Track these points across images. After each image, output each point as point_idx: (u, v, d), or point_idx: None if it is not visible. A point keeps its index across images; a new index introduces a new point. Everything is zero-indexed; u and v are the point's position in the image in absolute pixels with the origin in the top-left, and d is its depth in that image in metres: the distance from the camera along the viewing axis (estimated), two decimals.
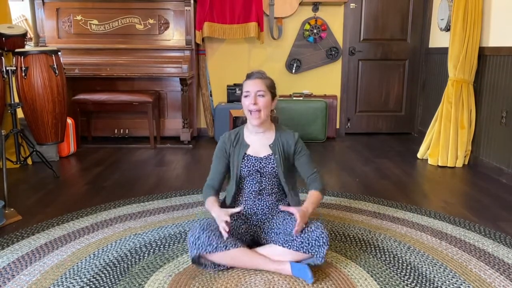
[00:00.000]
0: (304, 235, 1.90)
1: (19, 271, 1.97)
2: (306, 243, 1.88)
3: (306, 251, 1.88)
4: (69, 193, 3.11)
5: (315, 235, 1.89)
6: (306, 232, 1.91)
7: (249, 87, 2.05)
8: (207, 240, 1.87)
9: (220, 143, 2.18)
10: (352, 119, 5.31)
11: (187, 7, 4.59)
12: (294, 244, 1.90)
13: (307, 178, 2.16)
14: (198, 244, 1.88)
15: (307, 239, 1.89)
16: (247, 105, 2.05)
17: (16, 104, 3.43)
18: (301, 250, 1.89)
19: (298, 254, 1.90)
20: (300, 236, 1.90)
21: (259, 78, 2.08)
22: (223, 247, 1.88)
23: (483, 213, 2.75)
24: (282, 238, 1.94)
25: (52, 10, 4.59)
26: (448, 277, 1.93)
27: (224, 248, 1.88)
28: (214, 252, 1.87)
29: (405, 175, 3.63)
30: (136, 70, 4.44)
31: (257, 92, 2.04)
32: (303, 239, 1.89)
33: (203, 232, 1.89)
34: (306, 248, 1.88)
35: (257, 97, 2.03)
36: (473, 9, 3.71)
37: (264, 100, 2.05)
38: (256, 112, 2.04)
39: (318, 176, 2.16)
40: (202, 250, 1.87)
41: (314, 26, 5.00)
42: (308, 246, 1.88)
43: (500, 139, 3.53)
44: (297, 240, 1.90)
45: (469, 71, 3.79)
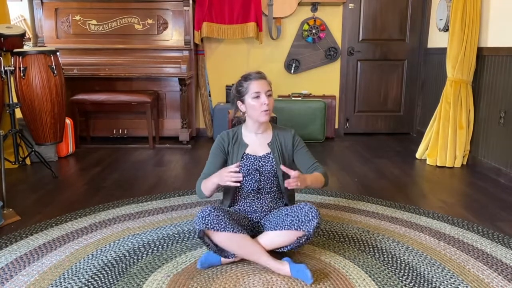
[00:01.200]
0: (294, 214, 1.94)
1: (18, 272, 1.97)
2: (296, 220, 1.92)
3: (297, 228, 1.91)
4: (68, 193, 3.11)
5: (304, 211, 1.92)
6: (295, 211, 1.95)
7: (258, 88, 2.06)
8: (216, 218, 1.89)
9: (218, 140, 2.19)
10: (351, 119, 5.31)
11: (186, 7, 4.59)
12: (285, 224, 1.94)
13: (308, 169, 2.15)
14: (208, 220, 1.88)
15: (297, 216, 1.93)
16: (259, 106, 2.05)
17: (14, 104, 3.43)
18: (293, 228, 1.92)
19: (291, 233, 1.92)
20: (290, 215, 1.94)
21: (264, 78, 2.11)
22: (230, 228, 1.90)
23: (481, 213, 2.76)
24: (274, 223, 1.99)
25: (51, 10, 4.59)
26: (446, 277, 1.93)
27: (232, 230, 1.90)
28: (222, 231, 1.89)
29: (403, 175, 3.64)
30: (135, 70, 4.44)
31: (267, 92, 2.07)
32: (292, 217, 1.93)
33: (214, 210, 1.91)
34: (297, 225, 1.91)
35: (267, 96, 2.06)
36: (471, 10, 3.71)
37: (272, 99, 2.10)
38: (267, 111, 2.08)
39: (320, 166, 2.17)
40: (210, 226, 1.88)
41: (313, 26, 5.00)
42: (298, 222, 1.91)
43: (499, 139, 3.53)
44: (287, 220, 1.94)
45: (467, 71, 3.79)
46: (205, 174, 2.13)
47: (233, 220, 1.96)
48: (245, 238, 1.94)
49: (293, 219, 1.93)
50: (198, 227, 1.89)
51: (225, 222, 1.90)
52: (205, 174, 2.13)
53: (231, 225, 1.91)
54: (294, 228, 1.91)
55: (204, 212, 1.90)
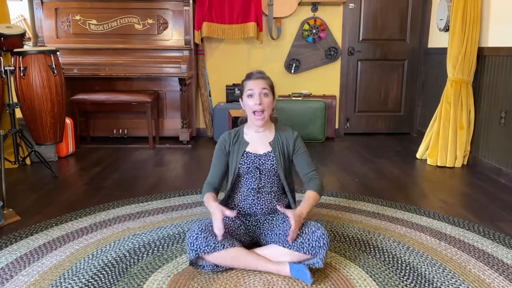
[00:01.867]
0: (305, 236, 1.90)
1: (18, 272, 1.97)
2: (307, 244, 1.88)
3: (306, 252, 1.88)
4: (68, 193, 3.11)
5: (315, 236, 1.88)
6: (306, 233, 1.90)
7: (252, 87, 2.05)
8: (205, 241, 1.87)
9: (219, 141, 2.19)
10: (351, 119, 5.31)
11: (186, 7, 4.59)
12: (294, 244, 1.89)
13: (305, 176, 2.15)
14: (196, 245, 1.87)
15: (308, 239, 1.89)
16: (251, 105, 2.05)
17: (14, 104, 3.42)
18: (302, 251, 1.88)
19: (298, 255, 1.90)
20: (301, 236, 1.90)
21: (261, 78, 2.08)
22: (221, 246, 1.87)
23: (482, 213, 2.76)
24: (282, 239, 1.94)
25: (51, 10, 4.58)
26: (447, 278, 1.93)
27: (222, 248, 1.87)
28: (212, 252, 1.87)
29: (404, 175, 3.63)
30: (135, 70, 4.43)
31: (261, 92, 2.04)
32: (303, 239, 1.89)
33: (201, 233, 1.89)
34: (307, 249, 1.88)
35: (261, 97, 2.04)
36: (472, 10, 3.71)
37: (268, 100, 2.06)
38: (260, 112, 2.05)
39: (316, 175, 2.15)
40: (200, 251, 1.87)
41: (313, 26, 5.00)
42: (308, 246, 1.88)
43: (499, 139, 3.53)
44: (298, 241, 1.89)
45: (468, 71, 3.79)
46: (210, 178, 2.16)
47: (225, 233, 1.91)
48: (238, 252, 1.91)
49: (303, 242, 1.89)
50: (190, 257, 1.90)
51: (214, 242, 1.87)
52: (210, 177, 2.16)
53: (221, 242, 1.88)
54: (303, 251, 1.89)
55: (191, 238, 1.89)
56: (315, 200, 2.08)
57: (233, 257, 1.91)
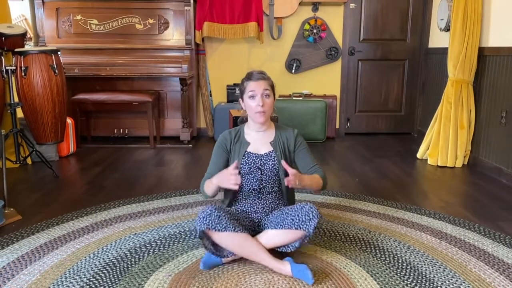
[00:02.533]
0: (294, 213, 1.94)
1: (19, 271, 1.97)
2: (297, 220, 1.92)
3: (297, 227, 1.91)
4: (69, 193, 3.11)
5: (304, 210, 1.93)
6: (296, 210, 1.95)
7: (254, 88, 2.06)
8: (217, 219, 1.89)
9: (220, 139, 2.19)
10: (352, 119, 5.31)
11: (187, 7, 4.59)
12: (285, 223, 1.94)
13: (308, 171, 2.15)
14: (209, 220, 1.88)
15: (297, 215, 1.93)
16: (253, 106, 2.06)
17: (15, 103, 3.42)
18: (293, 227, 1.92)
19: (292, 232, 1.93)
20: (290, 214, 1.94)
21: (262, 78, 2.09)
22: (232, 228, 1.89)
23: (482, 213, 2.76)
24: (274, 222, 1.99)
25: (52, 10, 4.59)
26: (448, 277, 1.93)
27: (233, 229, 1.89)
28: (223, 231, 1.88)
29: (404, 175, 3.63)
30: (136, 70, 4.44)
31: (263, 93, 2.05)
32: (293, 216, 1.93)
33: (215, 210, 1.91)
34: (297, 224, 1.91)
35: (263, 98, 2.05)
36: (472, 9, 3.71)
37: (269, 100, 2.08)
38: (262, 113, 2.06)
39: (320, 169, 2.17)
40: (212, 227, 1.88)
41: (314, 26, 5.00)
42: (298, 222, 1.92)
43: (500, 139, 3.53)
44: (288, 219, 1.94)
45: (468, 71, 3.79)
46: (208, 174, 2.14)
47: (235, 220, 1.96)
48: (246, 238, 1.94)
49: (294, 219, 1.93)
50: (199, 228, 1.89)
51: (226, 222, 1.90)
52: (209, 174, 2.14)
53: (233, 224, 1.91)
54: (295, 227, 1.92)
55: (205, 213, 1.90)
56: (318, 181, 2.10)
57: (241, 243, 1.93)
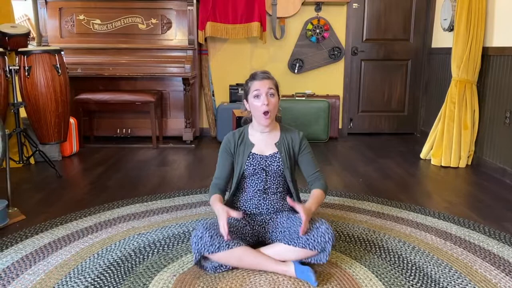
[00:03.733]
0: (310, 232, 1.89)
1: (23, 271, 1.97)
2: (312, 240, 1.88)
3: (312, 248, 1.87)
4: (72, 192, 3.11)
5: (320, 231, 1.88)
6: (311, 229, 1.90)
7: (259, 87, 2.04)
8: (210, 240, 1.86)
9: (224, 142, 2.18)
10: (355, 119, 5.30)
11: (189, 7, 4.59)
12: (300, 241, 1.89)
13: (310, 176, 2.15)
14: (201, 244, 1.86)
15: (313, 235, 1.88)
16: (258, 105, 2.04)
17: (19, 103, 3.43)
18: (307, 247, 1.88)
19: (304, 251, 1.89)
20: (306, 233, 1.90)
21: (267, 78, 2.07)
22: (225, 246, 1.87)
23: (487, 213, 2.75)
24: (288, 236, 1.94)
25: (55, 10, 4.59)
26: (454, 278, 1.92)
27: (227, 248, 1.87)
28: (217, 252, 1.86)
29: (408, 175, 3.62)
30: (138, 69, 4.44)
31: (267, 92, 2.04)
32: (308, 235, 1.89)
33: (206, 231, 1.88)
34: (312, 245, 1.87)
35: (268, 97, 2.04)
36: (476, 9, 3.70)
37: (274, 100, 2.06)
38: (267, 113, 2.05)
39: (321, 176, 2.16)
40: (205, 251, 1.86)
41: (317, 26, 4.99)
42: (314, 242, 1.87)
43: (504, 139, 3.52)
44: (303, 237, 1.89)
45: (472, 71, 3.78)
46: (216, 179, 2.16)
47: (231, 233, 1.90)
48: (244, 251, 1.90)
49: (309, 239, 1.88)
50: (195, 256, 1.90)
51: (219, 242, 1.86)
52: (216, 178, 2.16)
53: (226, 242, 1.87)
54: (309, 248, 1.88)
55: (196, 237, 1.88)
56: (322, 198, 2.09)
57: (239, 257, 1.90)
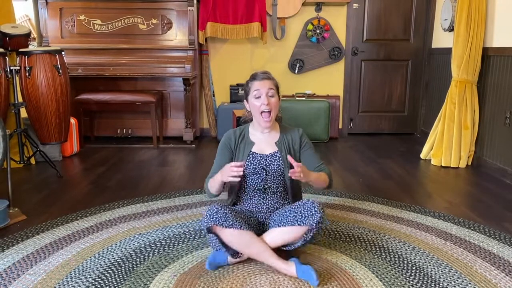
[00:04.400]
0: (296, 209, 1.93)
1: (24, 271, 1.98)
2: (299, 216, 1.91)
3: (300, 223, 1.90)
4: (73, 192, 3.11)
5: (306, 206, 1.92)
6: (298, 206, 1.94)
7: (259, 87, 2.05)
8: (224, 216, 1.89)
9: (224, 139, 2.19)
10: (355, 119, 5.31)
11: (190, 7, 4.59)
12: (288, 220, 1.93)
13: (314, 169, 2.15)
14: (216, 217, 1.88)
15: (299, 211, 1.92)
16: (258, 106, 2.05)
17: (19, 103, 3.43)
18: (296, 223, 1.90)
19: (295, 229, 1.91)
20: (293, 211, 1.93)
21: (267, 78, 2.08)
22: (238, 225, 1.89)
23: (487, 213, 2.75)
24: (277, 220, 1.98)
25: (56, 10, 4.59)
26: (454, 278, 1.93)
27: (239, 227, 1.89)
28: (230, 228, 1.88)
29: (408, 175, 3.63)
30: (139, 70, 4.44)
31: (268, 92, 2.05)
32: (295, 213, 1.92)
33: (222, 208, 1.91)
34: (300, 220, 1.90)
35: (268, 97, 2.04)
36: (476, 10, 3.70)
37: (274, 100, 2.07)
38: (267, 113, 2.06)
39: (325, 167, 2.18)
40: (218, 223, 1.88)
41: (317, 26, 5.00)
42: (301, 217, 1.90)
43: (504, 139, 3.52)
44: (290, 216, 1.93)
45: (472, 71, 3.78)
46: (212, 173, 2.14)
47: (241, 218, 1.96)
48: (252, 237, 1.94)
49: (296, 215, 1.92)
50: (206, 224, 1.89)
51: (233, 220, 1.90)
52: (213, 173, 2.14)
53: (239, 222, 1.91)
54: (298, 223, 1.90)
55: (211, 210, 1.90)
56: (324, 178, 2.11)
57: (247, 241, 1.92)
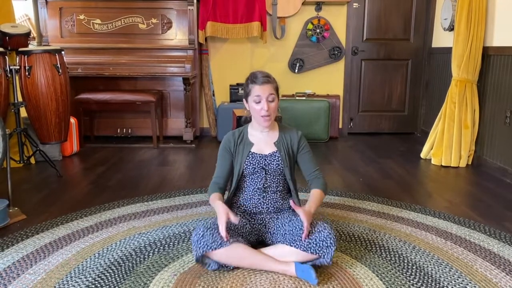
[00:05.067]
0: (312, 236, 1.90)
1: (24, 270, 1.97)
2: (314, 244, 1.88)
3: (313, 252, 1.88)
4: (73, 192, 3.11)
5: (322, 236, 1.88)
6: (313, 233, 1.90)
7: (259, 92, 2.04)
8: (211, 238, 1.87)
9: (224, 141, 2.19)
10: (355, 119, 5.30)
11: (190, 7, 4.59)
12: (302, 244, 1.89)
13: (309, 175, 2.16)
14: (203, 242, 1.87)
15: (315, 240, 1.88)
16: (258, 110, 2.05)
17: (19, 103, 3.43)
18: (309, 251, 1.88)
19: (306, 255, 1.90)
20: (308, 237, 1.90)
21: (268, 82, 2.07)
22: (227, 242, 1.88)
23: (487, 213, 2.75)
24: (290, 238, 1.94)
25: (55, 10, 4.59)
26: (454, 277, 1.92)
27: (228, 244, 1.88)
28: (219, 248, 1.87)
29: (408, 175, 3.63)
30: (139, 69, 4.44)
31: (268, 97, 2.05)
32: (310, 239, 1.89)
33: (207, 230, 1.90)
34: (314, 249, 1.88)
35: (268, 102, 2.04)
36: (477, 9, 3.70)
37: (274, 104, 2.08)
38: (267, 116, 2.06)
39: (320, 175, 2.16)
40: (207, 248, 1.87)
41: (317, 25, 4.99)
42: (315, 247, 1.88)
43: (504, 139, 3.52)
44: (305, 241, 1.89)
45: (473, 70, 3.78)
46: (216, 178, 2.16)
47: (231, 231, 1.93)
48: (244, 250, 1.91)
49: (311, 242, 1.88)
50: (197, 254, 1.89)
51: (221, 238, 1.88)
52: (216, 177, 2.16)
53: (230, 236, 1.89)
54: (311, 252, 1.88)
55: (197, 235, 1.89)
56: (321, 198, 2.10)
57: (239, 256, 1.91)
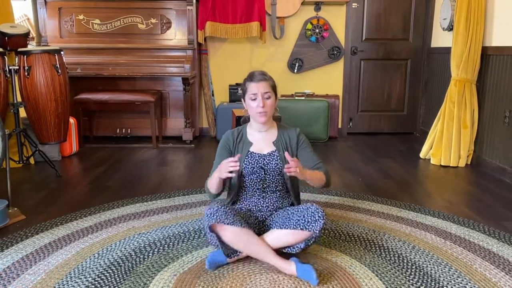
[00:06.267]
0: (300, 213, 1.95)
1: (24, 271, 1.97)
2: (302, 220, 1.92)
3: (303, 228, 1.91)
4: (72, 192, 3.11)
5: (310, 211, 1.93)
6: (301, 210, 1.96)
7: (255, 90, 2.06)
8: (225, 214, 1.90)
9: (223, 140, 2.20)
10: (354, 118, 5.31)
11: (189, 7, 4.59)
12: (291, 223, 1.94)
13: (312, 168, 2.14)
14: (217, 215, 1.89)
15: (303, 216, 1.93)
16: (254, 107, 2.07)
17: (18, 103, 3.43)
18: (298, 227, 1.92)
19: (297, 233, 1.93)
20: (296, 214, 1.95)
21: (264, 80, 2.09)
22: (239, 223, 1.91)
23: (487, 212, 2.75)
24: (280, 222, 1.99)
25: (54, 10, 4.59)
26: (454, 277, 1.93)
27: (240, 225, 1.90)
28: (231, 225, 1.89)
29: (408, 174, 3.63)
30: (138, 69, 4.44)
31: (263, 94, 2.06)
32: (298, 216, 1.94)
33: (222, 207, 1.93)
34: (303, 225, 1.92)
35: (264, 100, 2.06)
36: (476, 9, 3.70)
37: (270, 101, 2.09)
38: (263, 113, 2.07)
39: (323, 166, 2.17)
40: (220, 220, 1.89)
41: (316, 25, 4.99)
42: (304, 222, 1.92)
43: (503, 138, 3.52)
44: (293, 219, 1.94)
45: (472, 70, 3.78)
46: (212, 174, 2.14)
47: (240, 217, 1.97)
48: (252, 235, 1.95)
49: (299, 219, 1.93)
50: (208, 223, 1.90)
51: (233, 218, 1.91)
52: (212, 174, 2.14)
53: (239, 221, 1.92)
54: (300, 228, 1.92)
55: (212, 209, 1.92)
56: (320, 177, 2.10)
57: (247, 240, 1.93)
